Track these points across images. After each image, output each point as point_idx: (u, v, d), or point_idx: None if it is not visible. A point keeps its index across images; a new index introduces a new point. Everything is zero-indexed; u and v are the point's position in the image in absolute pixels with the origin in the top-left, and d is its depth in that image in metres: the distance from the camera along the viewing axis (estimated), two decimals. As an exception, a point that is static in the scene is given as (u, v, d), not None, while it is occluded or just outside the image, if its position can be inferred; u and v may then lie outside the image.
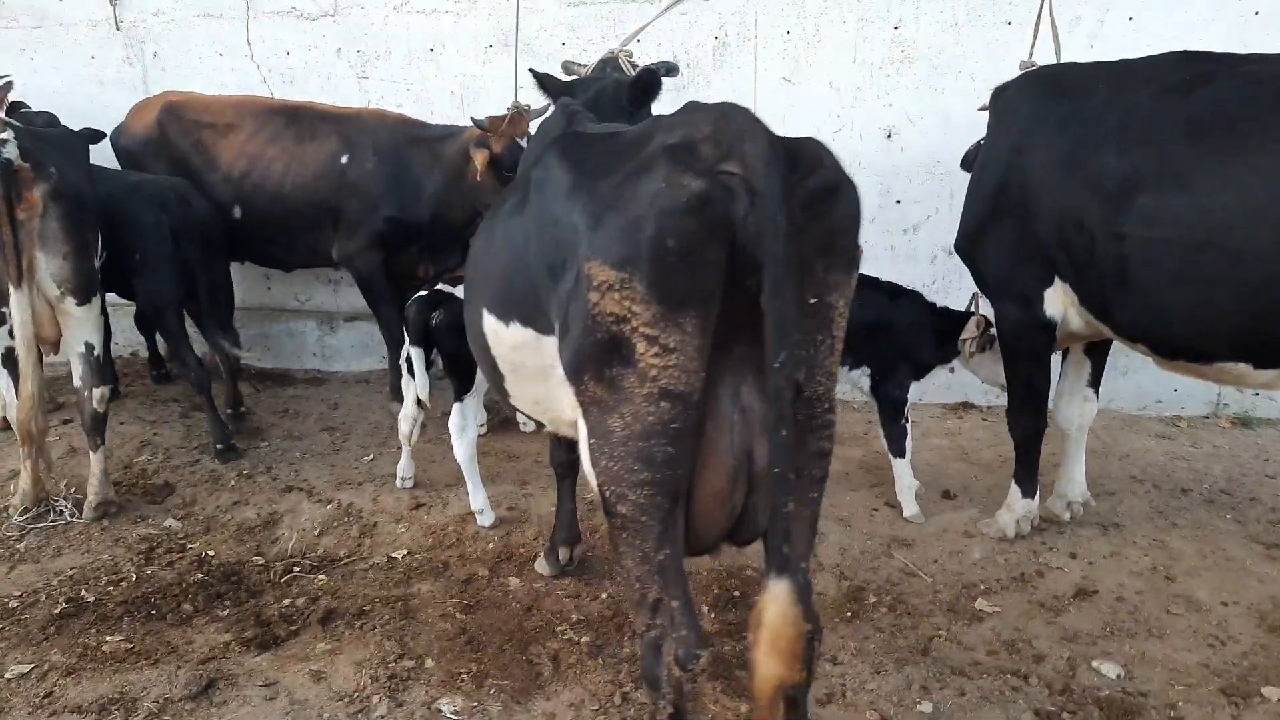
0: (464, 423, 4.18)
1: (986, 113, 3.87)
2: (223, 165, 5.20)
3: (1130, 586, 3.69)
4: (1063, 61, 3.79)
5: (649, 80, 3.76)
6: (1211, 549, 3.91)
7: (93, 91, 6.31)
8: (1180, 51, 3.21)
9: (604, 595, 3.72)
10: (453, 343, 4.16)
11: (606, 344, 1.99)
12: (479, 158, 4.64)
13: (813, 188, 1.80)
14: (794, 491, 1.98)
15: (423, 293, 4.27)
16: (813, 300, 1.90)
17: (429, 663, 3.28)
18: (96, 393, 4.29)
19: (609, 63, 4.18)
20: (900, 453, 4.28)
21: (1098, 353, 3.91)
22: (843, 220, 1.87)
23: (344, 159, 5.10)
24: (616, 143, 2.19)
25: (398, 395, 5.52)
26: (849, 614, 3.57)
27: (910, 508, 4.27)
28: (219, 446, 4.97)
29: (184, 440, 5.31)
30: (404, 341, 5.53)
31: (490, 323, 2.57)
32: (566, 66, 4.37)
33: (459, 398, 4.20)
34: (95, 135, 4.99)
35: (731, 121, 1.88)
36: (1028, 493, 3.96)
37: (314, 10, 5.86)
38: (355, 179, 5.08)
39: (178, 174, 5.20)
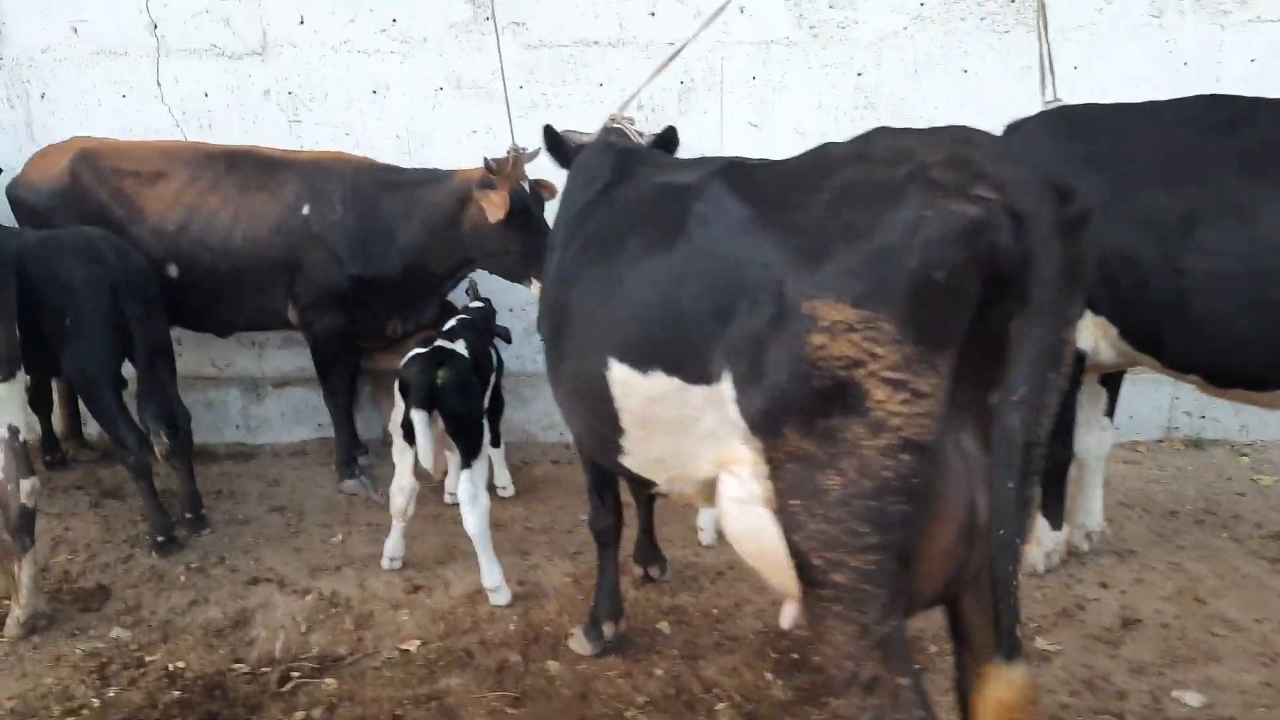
0: (475, 490, 3.80)
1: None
2: (152, 218, 4.58)
3: (1168, 612, 3.74)
4: (1083, 103, 3.90)
5: (671, 137, 3.65)
6: (1224, 568, 4.05)
7: (-39, 137, 5.51)
8: (1207, 95, 3.37)
9: (658, 672, 3.42)
10: (461, 403, 3.82)
11: (827, 391, 1.78)
12: (497, 201, 4.29)
13: (1071, 215, 1.68)
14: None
15: (420, 350, 3.88)
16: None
17: (497, 770, 2.88)
18: (25, 485, 3.62)
19: (612, 130, 3.97)
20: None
21: (1113, 383, 4.00)
22: (1087, 251, 1.76)
23: (305, 209, 4.60)
24: (791, 173, 2.00)
25: (348, 471, 5.05)
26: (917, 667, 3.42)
27: None
28: (159, 539, 4.31)
29: (105, 534, 4.60)
30: (350, 411, 5.12)
31: (621, 373, 2.30)
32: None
33: (467, 464, 3.81)
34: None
35: (975, 145, 1.74)
36: (1055, 525, 3.98)
37: (238, 48, 5.36)
38: (319, 230, 4.59)
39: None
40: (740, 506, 2.21)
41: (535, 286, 4.61)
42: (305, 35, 5.34)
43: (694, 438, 2.28)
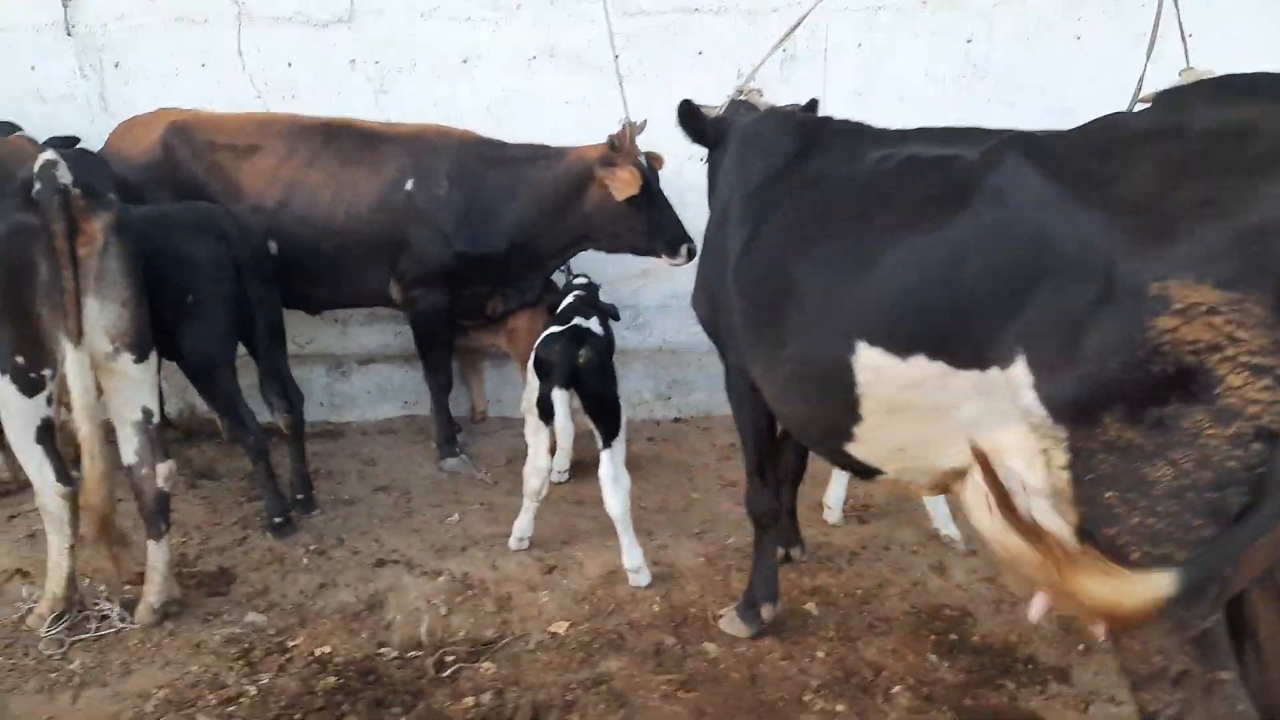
0: (616, 471, 3.72)
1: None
2: (250, 194, 4.43)
3: None
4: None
5: (814, 108, 3.55)
6: None
7: (32, 108, 5.33)
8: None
9: (820, 654, 3.36)
10: (601, 382, 3.73)
11: (1168, 378, 1.69)
12: (627, 178, 4.17)
13: None
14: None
15: (556, 328, 3.78)
16: None
17: (692, 756, 2.82)
18: (162, 469, 3.52)
19: (741, 104, 3.83)
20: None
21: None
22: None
23: (409, 184, 4.46)
24: (1096, 145, 1.89)
25: (448, 449, 4.96)
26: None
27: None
28: (277, 520, 4.22)
29: (211, 516, 4.50)
30: (450, 388, 5.01)
31: (872, 358, 2.20)
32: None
33: (608, 444, 3.73)
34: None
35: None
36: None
37: (324, 16, 5.19)
38: (424, 206, 4.45)
39: (187, 205, 4.40)
40: (977, 499, 2.14)
41: (666, 260, 4.51)
42: (393, 2, 5.17)
43: (947, 426, 2.19)
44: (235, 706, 3.12)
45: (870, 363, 2.22)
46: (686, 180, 5.28)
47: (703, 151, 3.60)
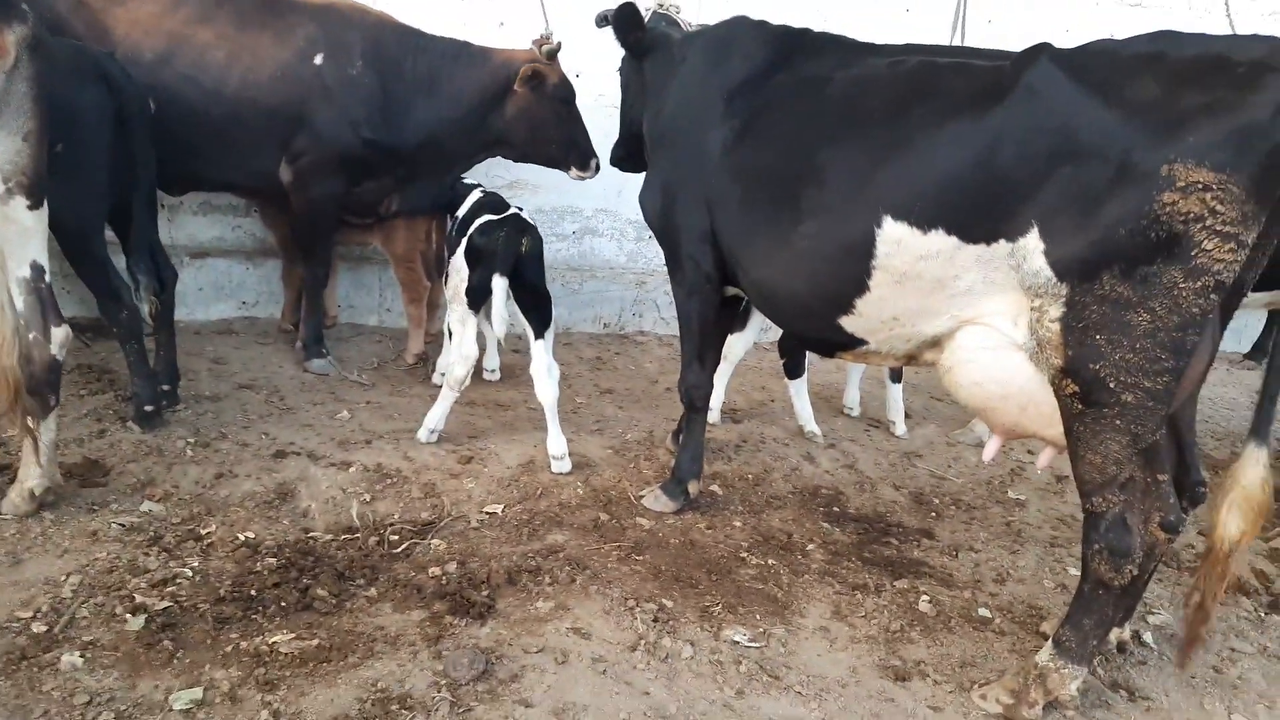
0: (550, 361, 3.82)
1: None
2: (124, 43, 3.87)
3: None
4: None
5: None
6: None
7: None
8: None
9: (737, 524, 3.74)
10: (538, 273, 3.81)
11: (1159, 242, 2.21)
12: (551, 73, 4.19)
13: None
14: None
15: (494, 217, 3.78)
16: None
17: (668, 602, 3.08)
18: (57, 334, 3.10)
19: (662, 18, 4.01)
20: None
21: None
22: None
23: (318, 58, 4.14)
24: (1112, 59, 2.35)
25: (315, 350, 4.74)
26: (939, 513, 4.05)
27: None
28: (147, 409, 3.82)
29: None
30: (325, 285, 4.78)
31: (896, 231, 2.56)
32: (603, 16, 4.04)
33: (540, 335, 3.82)
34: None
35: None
36: None
37: None
38: (333, 84, 4.15)
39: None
40: (988, 353, 2.61)
41: (573, 173, 4.60)
42: None
43: (944, 296, 2.62)
44: (174, 587, 2.89)
45: (893, 235, 2.58)
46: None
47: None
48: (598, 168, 4.60)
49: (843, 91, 2.79)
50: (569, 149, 4.53)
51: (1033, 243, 2.40)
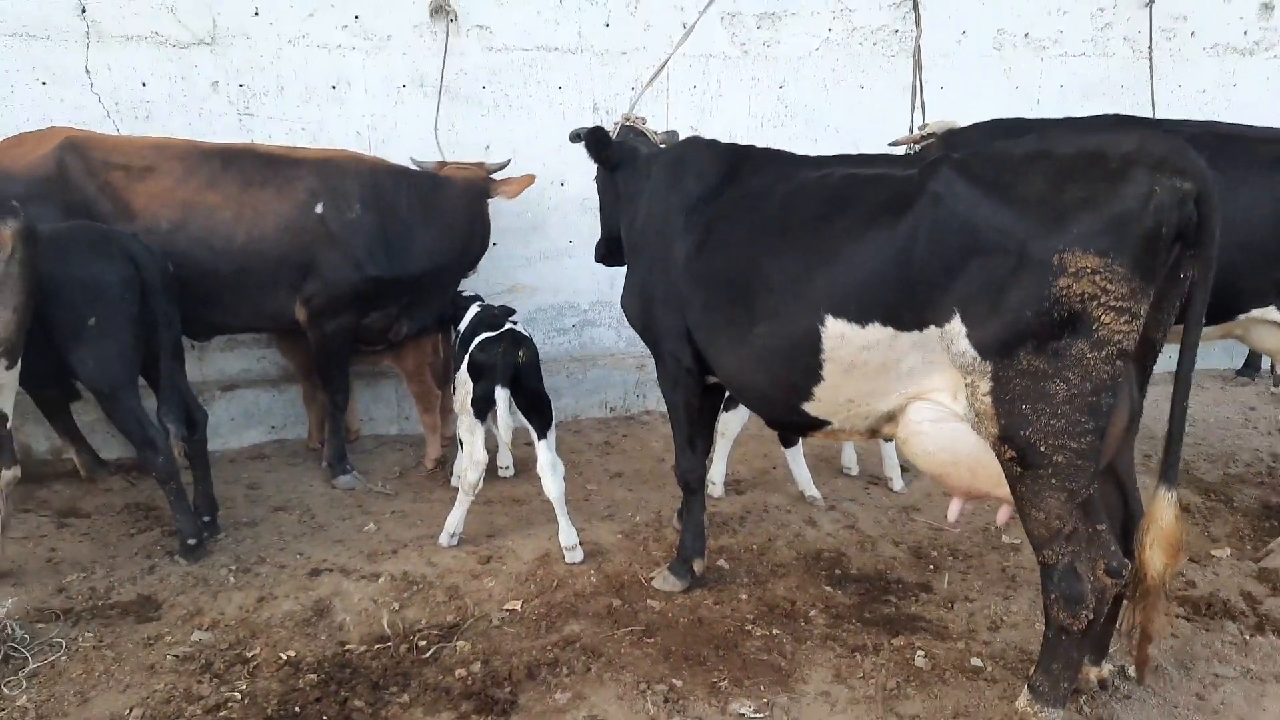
0: (553, 458, 4.13)
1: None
2: (144, 215, 4.33)
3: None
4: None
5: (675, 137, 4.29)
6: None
7: None
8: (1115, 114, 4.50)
9: (744, 596, 3.97)
10: (537, 380, 4.14)
11: (1062, 320, 2.49)
12: (520, 180, 4.72)
13: None
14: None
15: (491, 334, 4.12)
16: None
17: (678, 682, 3.31)
18: (6, 474, 3.54)
19: (629, 130, 4.40)
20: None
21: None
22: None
23: (319, 207, 4.58)
24: (1001, 162, 2.67)
25: (340, 467, 5.07)
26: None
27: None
28: (190, 542, 4.16)
29: (103, 550, 4.32)
30: (345, 408, 5.14)
31: (838, 327, 2.86)
32: (576, 134, 4.42)
33: (543, 435, 4.13)
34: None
35: (1159, 139, 2.49)
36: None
37: (184, 37, 5.12)
38: (336, 230, 4.59)
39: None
40: (936, 425, 2.88)
41: None
42: (260, 27, 5.24)
43: (890, 377, 2.90)
44: (225, 712, 3.17)
45: (835, 331, 2.88)
46: (550, 202, 5.81)
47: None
48: None
49: (780, 204, 3.12)
50: None
51: (957, 327, 2.68)
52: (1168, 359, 2.67)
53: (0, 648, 3.42)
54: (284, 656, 3.51)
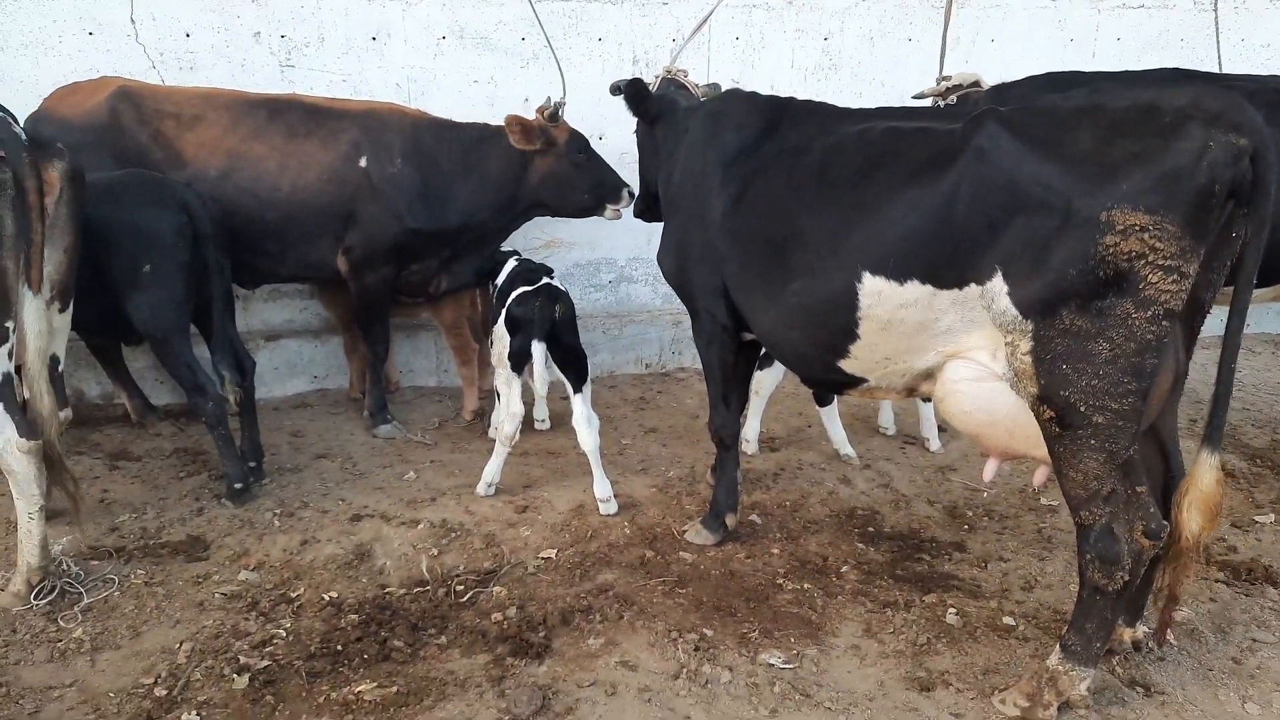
0: (588, 411, 4.17)
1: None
2: (193, 163, 4.41)
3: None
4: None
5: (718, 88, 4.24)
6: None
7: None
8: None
9: (775, 551, 4.00)
10: (573, 335, 4.16)
11: (1108, 279, 2.43)
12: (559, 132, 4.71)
13: None
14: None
15: (528, 288, 4.15)
16: None
17: (709, 631, 3.36)
18: (62, 415, 3.61)
19: (670, 82, 4.35)
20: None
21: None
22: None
23: (363, 160, 4.61)
24: (1049, 116, 2.60)
25: (381, 417, 5.15)
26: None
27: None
28: (237, 486, 4.28)
29: (155, 491, 4.46)
30: (386, 358, 5.21)
31: (875, 284, 2.83)
32: (616, 87, 4.38)
33: (579, 389, 4.17)
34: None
35: (1214, 94, 2.41)
36: None
37: (226, -12, 5.15)
38: (378, 183, 4.62)
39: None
40: (974, 384, 2.85)
41: (610, 211, 4.95)
42: (301, -23, 5.22)
43: (927, 335, 2.87)
44: (271, 648, 3.29)
45: (873, 289, 2.85)
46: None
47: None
48: (631, 195, 4.89)
49: (820, 158, 3.07)
50: (598, 191, 4.88)
51: (998, 285, 2.64)
52: (1217, 322, 2.60)
53: (57, 583, 3.57)
54: (326, 597, 3.63)
